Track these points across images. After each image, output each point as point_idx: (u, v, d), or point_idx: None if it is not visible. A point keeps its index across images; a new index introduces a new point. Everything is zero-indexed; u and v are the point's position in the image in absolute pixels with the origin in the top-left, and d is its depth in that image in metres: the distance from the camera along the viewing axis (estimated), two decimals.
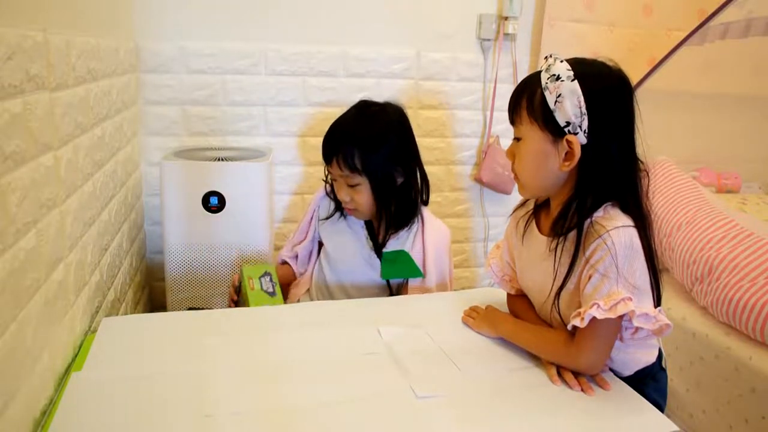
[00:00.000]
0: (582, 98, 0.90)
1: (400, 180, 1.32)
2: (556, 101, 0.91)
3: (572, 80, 0.90)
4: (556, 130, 0.92)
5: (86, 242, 1.17)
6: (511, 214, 1.12)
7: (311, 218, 1.47)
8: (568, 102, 0.90)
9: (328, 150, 1.30)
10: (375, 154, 1.27)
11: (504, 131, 2.31)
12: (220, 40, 1.97)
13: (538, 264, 1.02)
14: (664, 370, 1.06)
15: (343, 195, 1.31)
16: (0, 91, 0.76)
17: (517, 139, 0.98)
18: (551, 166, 0.94)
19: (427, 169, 2.35)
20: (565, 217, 0.94)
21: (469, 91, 2.25)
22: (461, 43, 2.19)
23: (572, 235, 0.93)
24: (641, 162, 0.95)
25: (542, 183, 0.98)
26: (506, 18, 2.16)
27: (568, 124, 0.91)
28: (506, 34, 2.18)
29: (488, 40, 2.19)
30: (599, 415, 0.87)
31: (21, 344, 0.81)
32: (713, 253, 1.65)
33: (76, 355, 1.04)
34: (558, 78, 0.91)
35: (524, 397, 0.91)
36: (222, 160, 1.78)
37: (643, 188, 0.94)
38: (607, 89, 0.92)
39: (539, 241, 1.02)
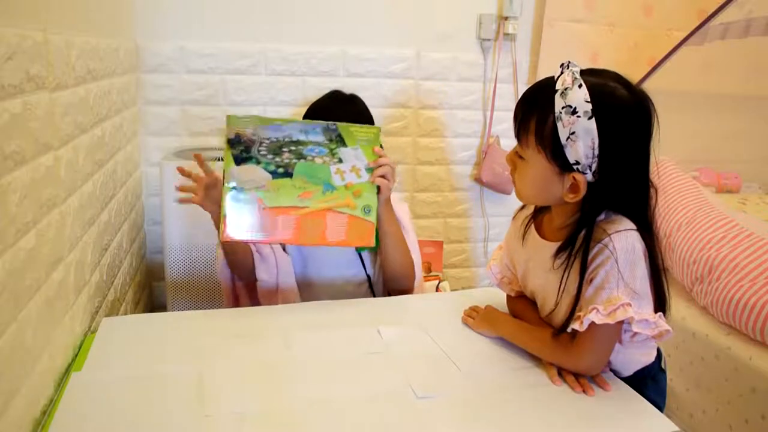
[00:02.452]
0: (597, 140, 0.85)
1: None
2: (568, 137, 0.85)
3: (589, 118, 0.84)
4: (563, 164, 0.88)
5: (86, 242, 1.17)
6: (513, 217, 1.12)
7: None
8: (582, 143, 0.85)
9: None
10: None
11: (504, 131, 2.31)
12: (220, 40, 1.97)
13: (543, 272, 1.00)
14: (663, 371, 1.06)
15: None
16: (0, 91, 0.76)
17: (520, 156, 0.94)
18: (554, 193, 0.92)
19: (427, 169, 2.35)
20: (574, 243, 0.92)
21: (469, 91, 2.25)
22: (461, 43, 2.19)
23: (580, 254, 0.91)
24: (651, 184, 0.92)
25: (543, 200, 0.98)
26: (506, 18, 2.16)
27: (577, 163, 0.87)
28: (506, 34, 2.19)
29: (488, 40, 2.19)
30: (599, 416, 0.87)
31: (21, 344, 0.81)
32: (713, 253, 1.64)
33: (76, 355, 1.04)
34: (574, 112, 0.84)
35: (524, 397, 0.91)
36: (222, 160, 1.78)
37: (651, 209, 0.92)
38: (625, 126, 0.86)
39: (540, 245, 1.02)
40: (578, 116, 0.84)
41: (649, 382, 1.02)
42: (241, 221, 1.10)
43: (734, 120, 2.50)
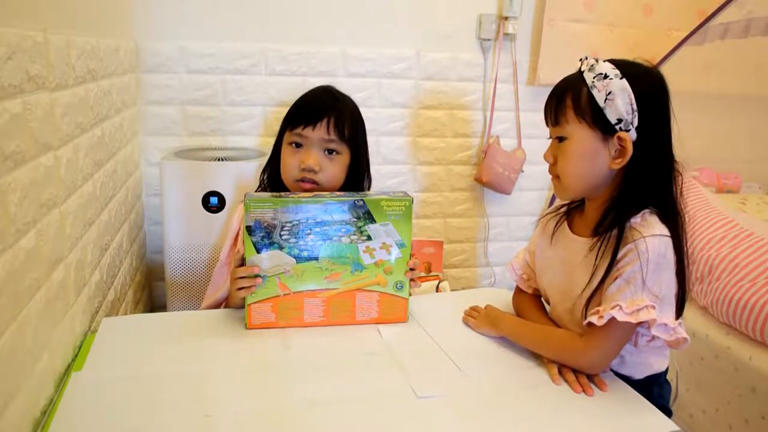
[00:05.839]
0: (632, 95, 0.91)
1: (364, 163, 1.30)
2: (606, 98, 0.92)
3: (620, 78, 0.92)
4: (606, 128, 0.93)
5: (86, 242, 1.17)
6: (540, 218, 1.13)
7: (236, 239, 1.32)
8: (620, 99, 0.91)
9: (319, 109, 1.21)
10: (360, 128, 1.27)
11: (504, 131, 2.30)
12: (220, 40, 1.97)
13: (570, 267, 1.01)
14: (668, 382, 1.06)
15: (313, 163, 1.20)
16: (0, 91, 0.76)
17: (559, 138, 0.97)
18: (600, 164, 0.95)
19: (427, 169, 2.35)
20: (607, 218, 0.95)
21: (469, 91, 2.25)
22: (461, 43, 2.19)
23: (612, 239, 0.93)
24: (676, 162, 0.96)
25: (588, 183, 0.97)
26: (506, 18, 2.16)
27: (620, 120, 0.92)
28: (506, 34, 2.18)
29: (488, 40, 2.19)
30: (599, 415, 0.87)
31: (21, 344, 0.81)
32: (713, 253, 1.65)
33: (76, 355, 1.04)
34: (606, 76, 0.92)
35: (525, 397, 0.91)
36: (222, 160, 1.78)
37: (678, 188, 0.96)
38: (652, 89, 0.94)
39: (571, 241, 1.02)
40: (610, 78, 0.92)
41: (654, 389, 1.02)
42: (266, 309, 1.08)
43: (734, 120, 2.50)
